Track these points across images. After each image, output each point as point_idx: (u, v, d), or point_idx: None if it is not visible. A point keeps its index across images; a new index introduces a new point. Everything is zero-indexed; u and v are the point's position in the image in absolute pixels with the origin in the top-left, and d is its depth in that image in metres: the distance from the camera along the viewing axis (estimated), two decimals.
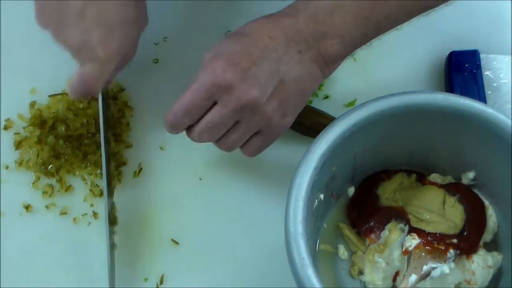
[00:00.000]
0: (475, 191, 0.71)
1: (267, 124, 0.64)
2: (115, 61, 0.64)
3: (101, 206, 0.76)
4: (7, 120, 0.79)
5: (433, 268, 0.66)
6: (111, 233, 0.72)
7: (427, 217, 0.69)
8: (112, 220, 0.73)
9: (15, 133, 0.79)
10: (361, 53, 0.82)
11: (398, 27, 0.78)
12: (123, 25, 0.63)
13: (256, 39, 0.63)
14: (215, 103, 0.63)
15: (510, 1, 0.84)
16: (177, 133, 0.67)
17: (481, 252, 0.68)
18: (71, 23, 0.62)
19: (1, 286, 0.72)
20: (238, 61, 0.61)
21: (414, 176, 0.73)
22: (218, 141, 0.67)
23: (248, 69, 0.61)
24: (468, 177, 0.71)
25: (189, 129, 0.66)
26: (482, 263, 0.68)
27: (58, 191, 0.76)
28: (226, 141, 0.66)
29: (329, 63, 0.64)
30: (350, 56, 0.82)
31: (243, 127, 0.64)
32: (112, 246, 0.71)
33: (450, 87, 0.79)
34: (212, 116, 0.63)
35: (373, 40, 0.66)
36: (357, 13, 0.62)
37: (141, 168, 0.77)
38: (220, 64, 0.61)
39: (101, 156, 0.77)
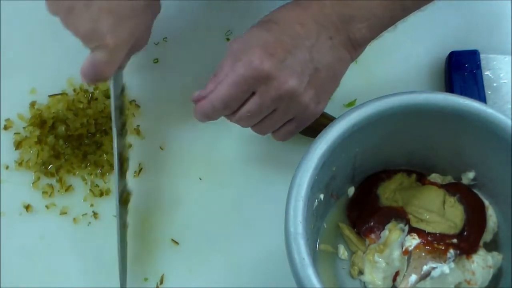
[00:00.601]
0: (475, 191, 0.71)
1: (303, 112, 0.65)
2: (125, 49, 0.64)
3: (101, 206, 0.76)
4: (7, 120, 0.79)
5: (433, 268, 0.66)
6: (124, 213, 0.72)
7: (427, 217, 0.69)
8: (124, 200, 0.73)
9: (15, 133, 0.79)
10: (362, 53, 0.82)
11: (398, 29, 0.78)
12: (133, 13, 0.63)
13: (287, 26, 0.62)
14: (253, 93, 0.63)
15: (510, 1, 0.84)
16: (207, 120, 0.68)
17: (481, 252, 0.68)
18: (81, 11, 0.62)
19: (1, 286, 0.72)
20: (273, 51, 0.61)
21: (414, 176, 0.73)
22: (253, 126, 0.68)
23: (284, 59, 0.61)
24: (468, 177, 0.71)
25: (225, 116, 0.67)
26: (482, 263, 0.68)
27: (58, 191, 0.76)
28: (261, 126, 0.67)
29: (356, 47, 0.65)
30: None
31: (280, 115, 0.65)
32: (124, 225, 0.71)
33: (450, 87, 0.79)
34: (251, 106, 0.64)
35: (398, 23, 0.66)
36: None
37: (141, 168, 0.77)
38: (257, 55, 0.61)
39: (100, 156, 0.77)
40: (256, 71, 0.61)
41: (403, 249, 0.67)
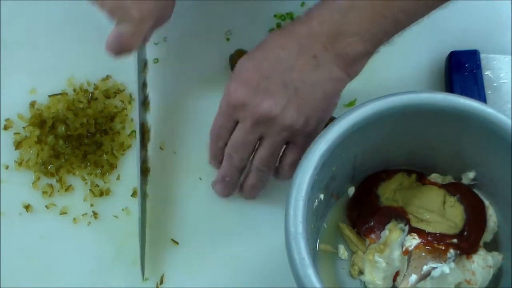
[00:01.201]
0: (475, 191, 0.71)
1: (291, 133, 0.65)
2: (150, 21, 0.65)
3: (101, 206, 0.76)
4: (7, 120, 0.79)
5: (433, 268, 0.66)
6: (144, 183, 0.73)
7: (427, 217, 0.69)
8: (144, 171, 0.74)
9: (15, 133, 0.79)
10: None
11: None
12: None
13: (268, 51, 0.64)
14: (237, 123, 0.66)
15: (510, 1, 0.84)
16: (218, 164, 0.71)
17: (481, 252, 0.68)
18: None
19: (1, 286, 0.72)
20: (248, 78, 0.63)
21: (414, 176, 0.73)
22: (251, 162, 0.68)
23: (259, 84, 0.63)
24: (468, 177, 0.71)
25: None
26: (482, 263, 0.68)
27: (58, 191, 0.76)
28: (258, 158, 0.67)
29: (350, 63, 0.64)
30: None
31: (268, 141, 0.65)
32: (143, 195, 0.73)
33: (450, 87, 0.79)
34: (235, 135, 0.66)
35: (395, 37, 0.66)
36: (373, 9, 0.62)
37: (149, 169, 0.77)
38: (232, 85, 0.64)
39: (100, 156, 0.77)
40: (231, 99, 0.64)
41: (403, 249, 0.67)
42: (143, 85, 0.74)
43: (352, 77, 0.66)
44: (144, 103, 0.75)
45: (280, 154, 0.68)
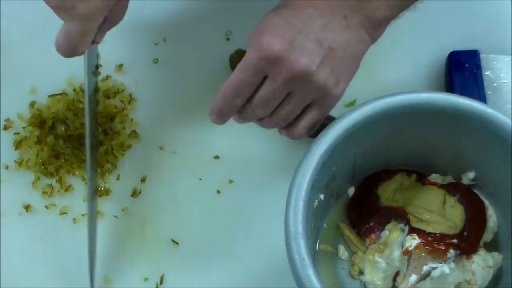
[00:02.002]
0: (475, 191, 0.71)
1: (321, 93, 0.63)
2: (99, 20, 0.62)
3: (101, 206, 0.76)
4: (7, 120, 0.79)
5: (433, 268, 0.66)
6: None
7: (427, 217, 0.69)
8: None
9: (15, 133, 0.79)
10: None
11: (398, 29, 0.77)
12: None
13: (298, 10, 0.62)
14: (264, 79, 0.62)
15: (510, 1, 0.84)
16: (224, 121, 0.66)
17: (481, 252, 0.68)
18: None
19: (1, 286, 0.72)
20: (282, 33, 0.60)
21: (414, 176, 0.73)
22: (271, 115, 0.65)
23: (294, 39, 0.60)
24: (468, 177, 0.71)
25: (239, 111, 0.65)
26: (482, 263, 0.68)
27: (58, 191, 0.76)
28: (280, 114, 0.64)
29: (376, 27, 0.64)
30: None
31: (297, 98, 0.63)
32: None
33: (450, 87, 0.79)
34: (265, 90, 0.62)
35: (417, 2, 0.65)
36: None
37: (145, 177, 0.77)
38: (265, 38, 0.60)
39: (100, 156, 0.77)
40: (264, 53, 0.60)
41: (403, 249, 0.67)
42: (94, 91, 0.71)
43: (374, 41, 0.65)
44: (94, 109, 0.72)
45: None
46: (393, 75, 0.81)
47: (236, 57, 0.78)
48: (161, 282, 0.72)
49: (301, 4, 0.62)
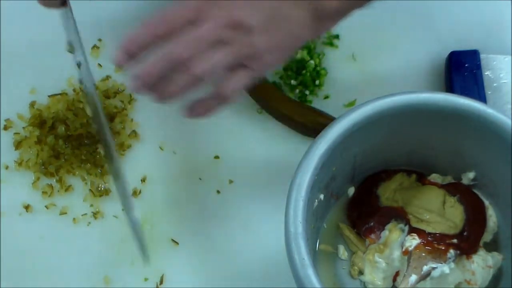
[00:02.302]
0: (475, 191, 0.71)
1: (253, 53, 0.60)
2: None
3: (101, 206, 0.76)
4: (7, 120, 0.79)
5: (433, 268, 0.66)
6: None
7: (427, 217, 0.69)
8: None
9: (15, 133, 0.79)
10: (361, 52, 0.82)
11: (398, 29, 0.77)
12: None
13: None
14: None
15: (510, 1, 0.84)
16: (130, 57, 0.59)
17: (481, 252, 0.68)
18: None
19: (1, 286, 0.72)
20: None
21: (414, 176, 0.73)
22: (198, 64, 0.59)
23: None
24: (468, 177, 0.71)
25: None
26: (482, 263, 0.68)
27: (58, 191, 0.76)
28: (210, 61, 0.60)
29: (323, 18, 0.63)
30: (350, 55, 0.82)
31: (228, 48, 0.59)
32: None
33: (450, 87, 0.79)
34: (201, 29, 0.58)
35: (374, 2, 0.65)
36: None
37: (145, 177, 0.77)
38: None
39: (100, 156, 0.77)
40: None
41: (403, 249, 0.67)
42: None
43: (318, 34, 0.65)
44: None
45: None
46: (393, 75, 0.81)
47: None
48: (161, 282, 0.72)
49: None
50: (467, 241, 0.67)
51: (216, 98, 0.63)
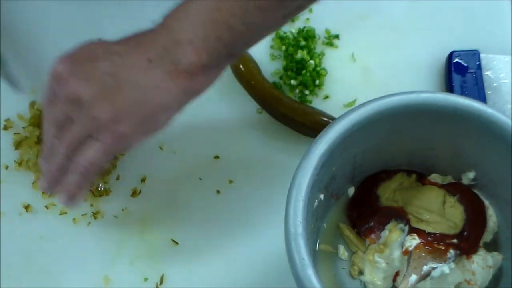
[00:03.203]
0: (475, 191, 0.71)
1: (96, 126, 0.60)
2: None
3: (101, 206, 0.76)
4: (7, 120, 0.79)
5: (433, 268, 0.66)
6: None
7: (427, 217, 0.69)
8: None
9: (15, 133, 0.79)
10: (361, 53, 0.82)
11: (398, 29, 0.77)
12: None
13: (106, 43, 0.61)
14: None
15: (510, 1, 0.84)
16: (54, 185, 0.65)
17: (481, 252, 0.68)
18: None
19: (1, 286, 0.72)
20: (75, 57, 0.60)
21: (414, 176, 0.73)
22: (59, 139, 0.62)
23: (82, 64, 0.60)
24: (468, 177, 0.71)
25: None
26: (482, 263, 0.68)
27: None
28: (64, 140, 0.62)
29: (186, 76, 0.59)
30: (350, 55, 0.82)
31: (75, 124, 0.61)
32: None
33: (450, 87, 0.79)
34: (47, 108, 0.62)
35: (240, 48, 0.62)
36: (203, 15, 0.58)
37: (145, 178, 0.77)
38: (58, 60, 0.61)
39: None
40: (52, 70, 0.60)
41: (403, 249, 0.67)
42: None
43: (189, 94, 0.60)
44: None
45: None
46: (393, 75, 0.81)
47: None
48: (161, 282, 0.72)
49: (113, 41, 0.61)
50: (467, 241, 0.68)
51: (76, 174, 0.63)
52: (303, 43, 0.81)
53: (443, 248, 0.67)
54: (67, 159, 0.62)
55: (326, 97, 0.81)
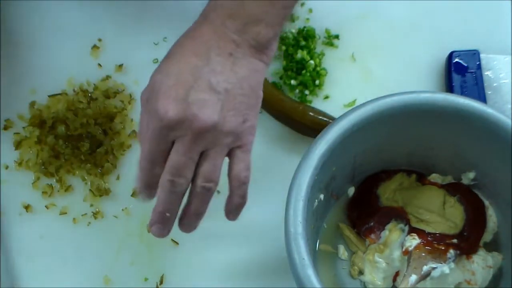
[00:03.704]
0: (475, 191, 0.71)
1: (234, 137, 0.61)
2: None
3: (101, 206, 0.76)
4: (7, 120, 0.79)
5: (433, 268, 0.66)
6: None
7: (427, 217, 0.69)
8: None
9: (15, 133, 0.79)
10: (361, 53, 0.82)
11: (398, 29, 0.77)
12: None
13: (182, 62, 0.61)
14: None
15: (510, 1, 0.84)
16: (153, 195, 0.63)
17: (481, 252, 0.68)
18: None
19: (1, 286, 0.72)
20: (175, 94, 0.59)
21: (414, 176, 0.73)
22: (194, 183, 0.62)
23: (187, 96, 0.59)
24: (468, 177, 0.71)
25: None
26: (482, 263, 0.68)
27: (58, 191, 0.76)
28: (204, 174, 0.62)
29: (264, 50, 0.62)
30: (350, 55, 0.82)
31: (213, 152, 0.61)
32: None
33: (450, 87, 0.79)
34: (174, 157, 0.60)
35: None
36: None
37: None
38: (160, 105, 0.59)
39: (100, 156, 0.77)
40: (164, 122, 0.59)
41: (403, 249, 0.67)
42: None
43: (268, 64, 0.63)
44: None
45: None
46: (393, 75, 0.81)
47: None
48: (161, 282, 0.72)
49: (184, 55, 0.61)
50: (467, 241, 0.68)
51: (236, 193, 0.64)
52: (303, 43, 0.81)
53: (443, 248, 0.67)
54: (204, 191, 0.63)
55: (326, 97, 0.80)
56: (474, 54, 0.79)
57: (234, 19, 0.60)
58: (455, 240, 0.67)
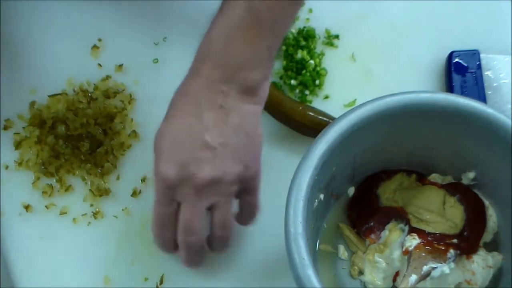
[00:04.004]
0: (475, 191, 0.71)
1: (238, 184, 0.63)
2: None
3: (101, 206, 0.76)
4: (7, 120, 0.79)
5: (433, 268, 0.66)
6: None
7: (427, 217, 0.69)
8: None
9: (15, 133, 0.79)
10: (361, 53, 0.82)
11: (398, 29, 0.77)
12: None
13: (177, 124, 0.62)
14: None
15: (510, 1, 0.84)
16: (171, 251, 0.68)
17: (481, 252, 0.68)
18: None
19: (1, 286, 0.72)
20: (173, 156, 0.61)
21: (414, 176, 0.73)
22: (212, 230, 0.66)
23: (186, 158, 0.61)
24: (468, 177, 0.71)
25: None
26: (482, 263, 0.68)
27: (58, 191, 0.76)
28: (219, 224, 0.65)
29: (255, 92, 0.63)
30: (350, 55, 0.82)
31: (222, 203, 0.64)
32: None
33: (450, 87, 0.79)
34: (184, 217, 0.63)
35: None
36: (246, 35, 0.61)
37: (146, 178, 0.77)
38: (161, 168, 0.62)
39: (100, 156, 0.77)
40: (166, 183, 0.62)
41: (403, 249, 0.67)
42: None
43: (262, 104, 0.64)
44: None
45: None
46: (393, 75, 0.81)
47: None
48: (161, 282, 0.72)
49: (177, 116, 0.63)
50: (467, 241, 0.68)
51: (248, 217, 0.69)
52: (303, 43, 0.81)
53: (443, 248, 0.67)
54: (221, 238, 0.67)
55: (326, 97, 0.81)
56: (474, 54, 0.79)
57: (221, 68, 0.61)
58: (455, 240, 0.67)
